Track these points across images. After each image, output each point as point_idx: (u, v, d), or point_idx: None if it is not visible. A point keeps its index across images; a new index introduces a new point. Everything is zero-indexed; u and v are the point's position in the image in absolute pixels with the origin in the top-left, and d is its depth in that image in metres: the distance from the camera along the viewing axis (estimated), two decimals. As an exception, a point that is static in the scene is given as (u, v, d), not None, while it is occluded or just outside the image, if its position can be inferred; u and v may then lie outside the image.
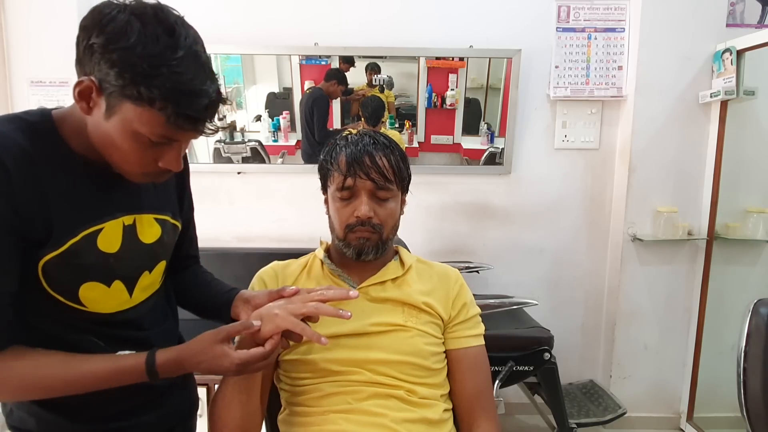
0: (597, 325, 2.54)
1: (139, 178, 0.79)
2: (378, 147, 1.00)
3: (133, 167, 0.75)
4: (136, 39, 0.65)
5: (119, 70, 0.65)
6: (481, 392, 1.04)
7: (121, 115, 0.69)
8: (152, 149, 0.73)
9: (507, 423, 2.49)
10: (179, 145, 0.75)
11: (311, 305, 0.83)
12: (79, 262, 0.77)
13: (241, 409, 0.92)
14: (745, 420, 1.15)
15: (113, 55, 0.65)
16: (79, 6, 2.18)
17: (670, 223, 2.28)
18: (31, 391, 0.76)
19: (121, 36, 0.65)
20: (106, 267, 0.81)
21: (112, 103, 0.68)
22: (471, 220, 2.46)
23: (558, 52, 2.34)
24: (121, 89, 0.66)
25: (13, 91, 2.23)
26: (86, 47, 0.68)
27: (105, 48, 0.65)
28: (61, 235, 0.75)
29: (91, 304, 0.81)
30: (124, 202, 0.83)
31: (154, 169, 0.76)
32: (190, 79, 0.67)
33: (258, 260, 1.17)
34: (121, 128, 0.70)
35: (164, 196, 0.92)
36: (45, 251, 0.74)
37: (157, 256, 0.91)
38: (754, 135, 2.30)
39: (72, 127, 0.76)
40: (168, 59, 0.65)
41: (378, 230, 1.00)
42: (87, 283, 0.79)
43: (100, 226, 0.79)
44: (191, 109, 0.68)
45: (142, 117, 0.68)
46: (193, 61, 0.68)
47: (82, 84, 0.69)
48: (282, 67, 2.39)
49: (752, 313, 1.14)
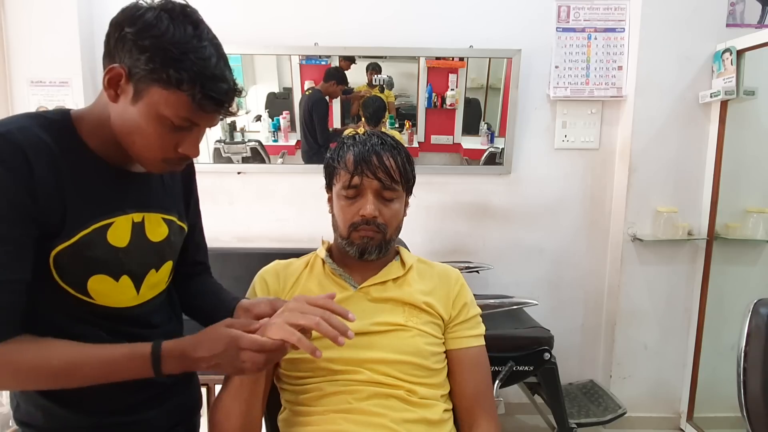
0: (597, 325, 2.54)
1: (158, 167, 0.82)
2: (386, 147, 1.01)
3: (155, 153, 0.79)
4: (166, 28, 0.72)
5: (150, 55, 0.71)
6: (481, 392, 1.04)
7: (148, 99, 0.74)
8: (174, 134, 0.78)
9: (507, 423, 2.49)
10: (198, 131, 0.80)
11: (312, 319, 0.80)
12: (90, 255, 0.80)
13: (241, 418, 0.92)
14: (745, 420, 1.15)
15: (145, 41, 0.72)
16: (79, 6, 2.18)
17: (670, 223, 2.28)
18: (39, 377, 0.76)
19: (152, 26, 0.72)
20: (115, 261, 0.83)
21: (140, 87, 0.74)
22: (471, 220, 2.46)
23: (558, 52, 2.34)
24: (150, 73, 0.72)
25: (13, 91, 2.23)
26: (118, 38, 0.74)
27: (137, 36, 0.72)
28: (73, 227, 0.78)
29: (99, 297, 0.83)
30: (135, 200, 0.87)
31: (174, 156, 0.80)
32: (214, 65, 0.74)
33: (258, 260, 1.17)
34: (147, 112, 0.75)
35: (171, 197, 0.95)
36: (57, 242, 0.77)
37: (164, 255, 0.92)
38: (754, 135, 2.30)
39: (89, 125, 0.81)
40: (195, 47, 0.73)
41: (382, 230, 1.01)
42: (96, 276, 0.82)
43: (110, 220, 0.82)
44: (215, 92, 0.74)
45: (169, 99, 0.74)
46: (215, 51, 0.76)
47: (112, 71, 0.74)
48: (282, 67, 2.39)
49: (752, 313, 1.15)
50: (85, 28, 2.21)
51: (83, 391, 0.78)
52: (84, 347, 0.77)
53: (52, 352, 0.76)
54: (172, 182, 0.96)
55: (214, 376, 1.81)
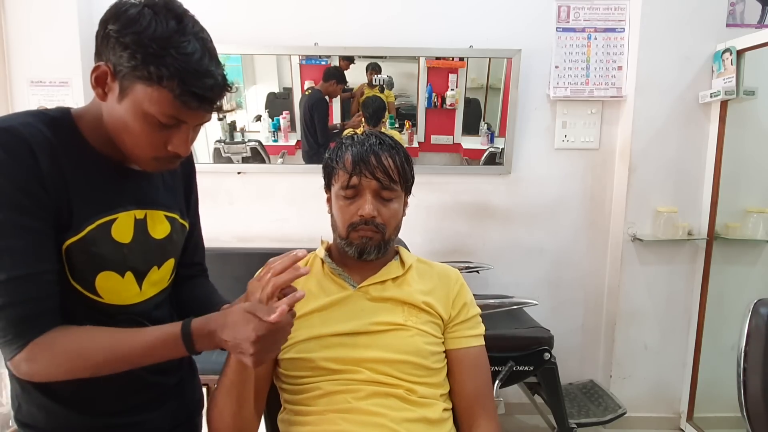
0: (597, 325, 2.54)
1: (150, 165, 0.82)
2: (384, 147, 1.01)
3: (144, 151, 0.79)
4: (147, 24, 0.71)
5: (132, 51, 0.71)
6: (481, 392, 1.03)
7: (132, 97, 0.73)
8: (162, 132, 0.77)
9: (507, 423, 2.49)
10: (187, 129, 0.79)
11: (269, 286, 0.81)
12: (96, 251, 0.80)
13: (234, 417, 0.92)
14: (745, 420, 1.15)
15: (126, 38, 0.71)
16: (79, 6, 2.18)
17: (670, 223, 2.28)
18: (85, 367, 0.77)
19: (134, 22, 0.71)
20: (119, 257, 0.83)
21: (124, 85, 0.73)
22: (471, 220, 2.46)
23: (558, 52, 2.34)
24: (132, 70, 0.71)
25: (13, 91, 2.23)
26: (103, 36, 0.74)
27: (119, 33, 0.71)
28: (79, 222, 0.78)
29: (106, 295, 0.84)
30: (137, 197, 0.87)
31: (164, 154, 0.79)
32: (197, 60, 0.73)
33: (258, 260, 1.16)
34: (132, 110, 0.74)
35: (173, 195, 0.95)
36: (68, 235, 0.77)
37: (166, 253, 0.92)
38: (754, 135, 2.30)
39: (89, 122, 0.81)
40: (176, 42, 0.71)
41: (381, 230, 1.00)
42: (103, 273, 0.82)
43: (113, 216, 0.82)
44: (197, 87, 0.73)
45: (152, 96, 0.72)
46: (200, 46, 0.74)
47: (98, 69, 0.74)
48: (282, 67, 2.39)
49: (752, 313, 1.15)
50: (85, 28, 2.21)
51: (86, 391, 0.78)
52: (120, 334, 0.78)
53: (94, 342, 0.77)
54: (173, 180, 0.96)
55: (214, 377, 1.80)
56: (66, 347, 0.75)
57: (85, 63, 2.21)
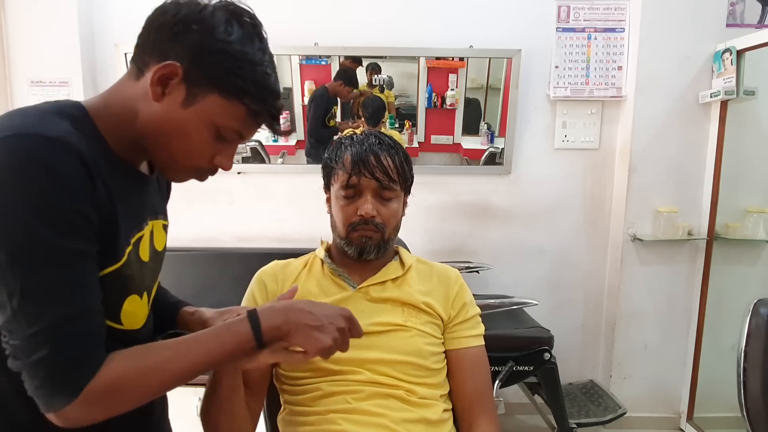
0: (597, 325, 2.54)
1: (184, 175, 0.76)
2: (383, 147, 1.01)
3: (191, 160, 0.73)
4: (236, 37, 0.69)
5: (218, 60, 0.68)
6: (481, 392, 1.04)
7: (203, 105, 0.69)
8: (216, 144, 0.73)
9: (507, 423, 2.49)
10: (237, 145, 0.78)
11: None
12: (128, 273, 0.73)
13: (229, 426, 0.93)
14: (745, 420, 1.15)
15: (216, 45, 0.68)
16: (79, 6, 2.18)
17: (670, 223, 2.28)
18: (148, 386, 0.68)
19: (223, 30, 0.68)
20: (140, 277, 0.77)
21: (195, 92, 0.69)
22: (471, 220, 2.46)
23: (558, 52, 2.34)
24: (213, 79, 0.68)
25: (13, 91, 2.23)
26: (178, 33, 0.67)
27: (206, 37, 0.68)
28: (122, 244, 0.70)
29: (127, 321, 0.75)
30: (151, 206, 0.81)
31: (207, 166, 0.75)
32: (274, 81, 0.73)
33: (258, 260, 1.17)
34: (198, 118, 0.70)
35: (164, 201, 0.90)
36: (109, 261, 0.69)
37: (161, 265, 0.86)
38: (754, 135, 2.30)
39: (107, 120, 0.71)
40: (261, 60, 0.71)
41: (380, 229, 1.01)
42: (130, 297, 0.75)
43: (141, 232, 0.76)
44: (273, 107, 0.74)
45: (228, 109, 0.70)
46: (274, 67, 0.75)
47: (168, 67, 0.67)
48: (282, 67, 2.39)
49: (752, 313, 1.15)
50: (85, 28, 2.21)
51: None
52: (183, 345, 0.70)
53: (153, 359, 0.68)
54: (163, 185, 0.90)
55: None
56: (131, 380, 0.66)
57: (85, 63, 2.21)
